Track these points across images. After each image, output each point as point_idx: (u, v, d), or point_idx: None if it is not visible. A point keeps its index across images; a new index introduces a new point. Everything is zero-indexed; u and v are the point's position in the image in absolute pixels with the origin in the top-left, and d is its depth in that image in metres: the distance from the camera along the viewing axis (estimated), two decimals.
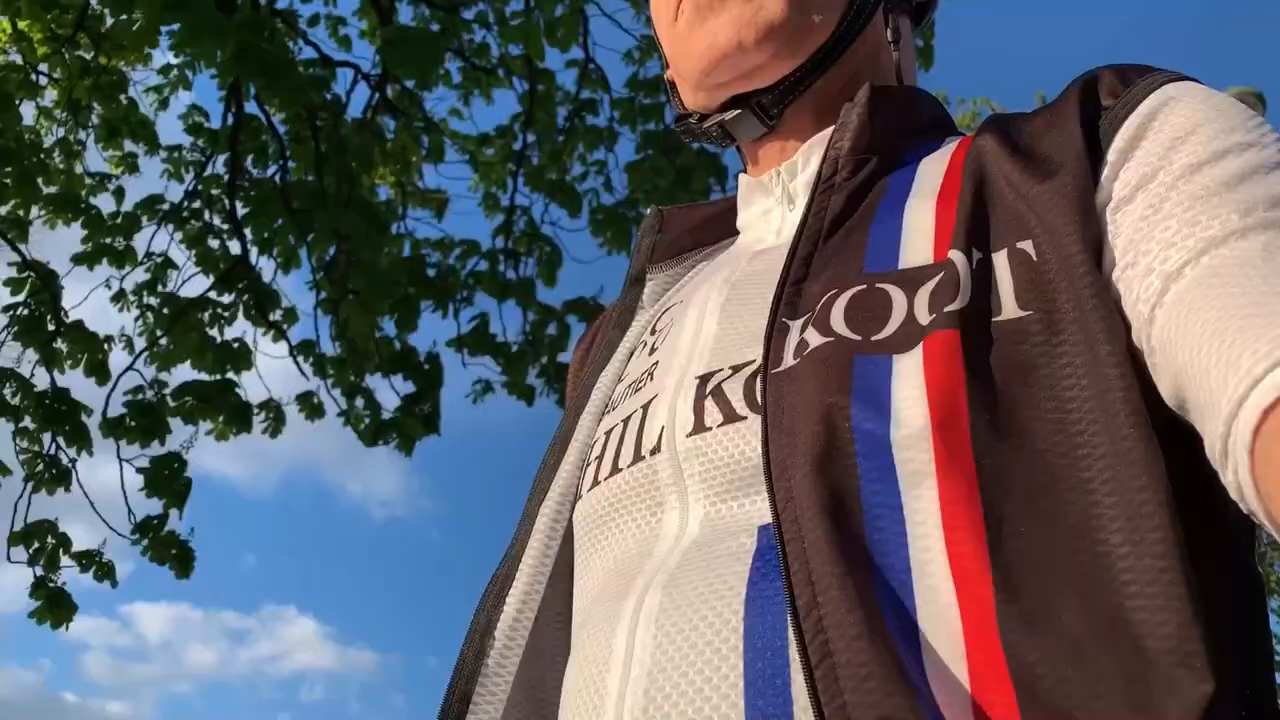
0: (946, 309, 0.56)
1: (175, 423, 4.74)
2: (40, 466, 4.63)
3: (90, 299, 5.33)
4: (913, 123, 0.76)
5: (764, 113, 0.78)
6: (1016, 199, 0.61)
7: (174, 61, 5.72)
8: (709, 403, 0.63)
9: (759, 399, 0.59)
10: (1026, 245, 0.58)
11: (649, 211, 0.89)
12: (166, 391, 4.80)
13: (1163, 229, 0.55)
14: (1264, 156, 0.56)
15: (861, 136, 0.71)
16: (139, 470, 4.62)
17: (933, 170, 0.68)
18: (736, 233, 0.86)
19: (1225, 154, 0.56)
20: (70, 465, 4.70)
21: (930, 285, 0.58)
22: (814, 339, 0.59)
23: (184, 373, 4.87)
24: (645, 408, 0.68)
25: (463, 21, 5.45)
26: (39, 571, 4.57)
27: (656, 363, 0.71)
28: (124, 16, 4.50)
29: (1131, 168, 0.59)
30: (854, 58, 0.78)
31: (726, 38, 0.74)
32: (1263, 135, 0.58)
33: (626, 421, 0.69)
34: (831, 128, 0.74)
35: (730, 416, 0.61)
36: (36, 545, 4.58)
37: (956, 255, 0.59)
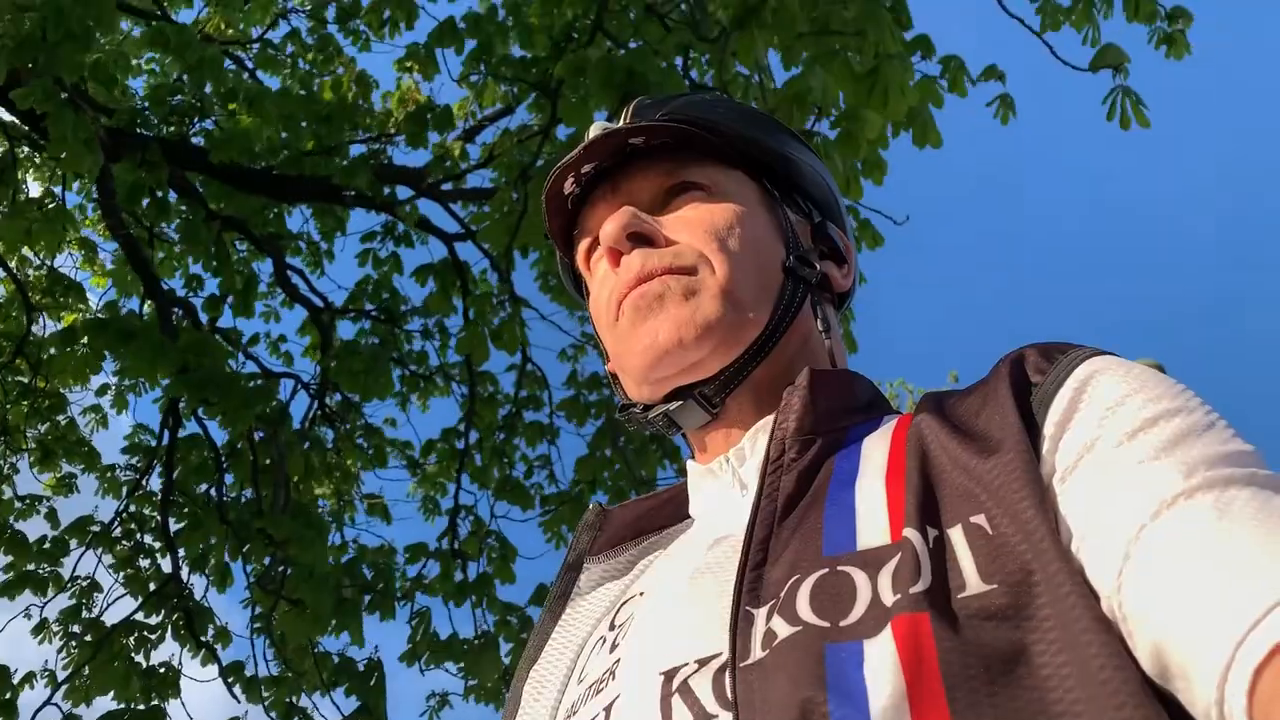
0: (911, 590, 0.55)
1: None
2: None
3: (5, 630, 5.07)
4: (851, 402, 0.78)
5: (707, 402, 0.80)
6: (962, 475, 0.62)
7: (112, 382, 5.78)
8: (676, 701, 0.60)
9: (729, 695, 0.56)
10: (980, 519, 0.58)
11: (590, 507, 0.90)
12: None
13: (1112, 495, 0.56)
14: (1193, 420, 0.59)
15: (805, 417, 0.72)
16: None
17: (876, 449, 0.70)
18: (681, 520, 0.86)
19: (1157, 420, 0.59)
20: None
21: (891, 566, 0.58)
22: (781, 628, 0.58)
23: (105, 704, 4.56)
24: (608, 710, 0.64)
25: (403, 332, 5.66)
26: None
27: (618, 660, 0.68)
28: (68, 349, 4.59)
29: (1070, 440, 0.61)
30: (788, 346, 0.82)
31: (667, 336, 0.77)
32: (1188, 400, 0.61)
33: None
34: (774, 413, 0.75)
35: (700, 716, 0.58)
36: None
37: (912, 534, 0.59)
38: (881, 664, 0.53)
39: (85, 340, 4.58)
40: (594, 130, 0.87)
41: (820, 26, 3.39)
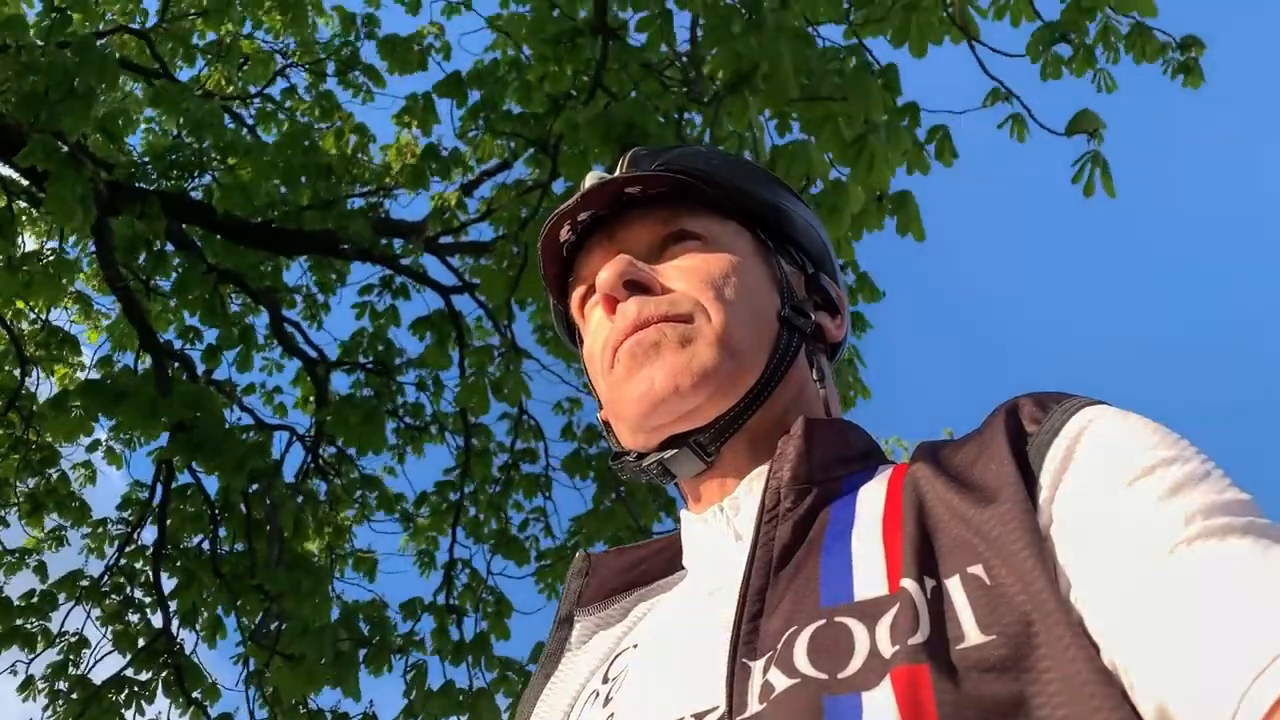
0: (910, 641, 0.55)
1: None
2: None
3: None
4: (846, 452, 0.78)
5: (702, 450, 0.80)
6: (959, 525, 0.61)
7: (104, 438, 5.76)
8: None
9: None
10: (978, 569, 0.58)
11: (577, 555, 0.89)
12: None
13: (1110, 546, 0.56)
14: (1189, 469, 0.58)
15: (800, 466, 0.72)
16: None
17: (872, 499, 0.69)
18: (673, 571, 0.85)
19: (1153, 469, 0.58)
20: None
21: (889, 617, 0.57)
22: (779, 681, 0.57)
23: None
24: None
25: (398, 385, 5.65)
26: None
27: (612, 715, 0.67)
28: (60, 412, 4.58)
29: (1067, 490, 0.60)
30: (783, 395, 0.81)
31: (663, 383, 0.77)
32: (1183, 449, 0.60)
33: None
34: (769, 461, 0.75)
35: None
36: None
37: (910, 584, 0.58)
38: (880, 716, 0.52)
39: (80, 403, 4.57)
40: (590, 179, 0.87)
41: (811, 92, 3.44)
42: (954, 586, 0.58)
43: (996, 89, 4.14)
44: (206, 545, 5.07)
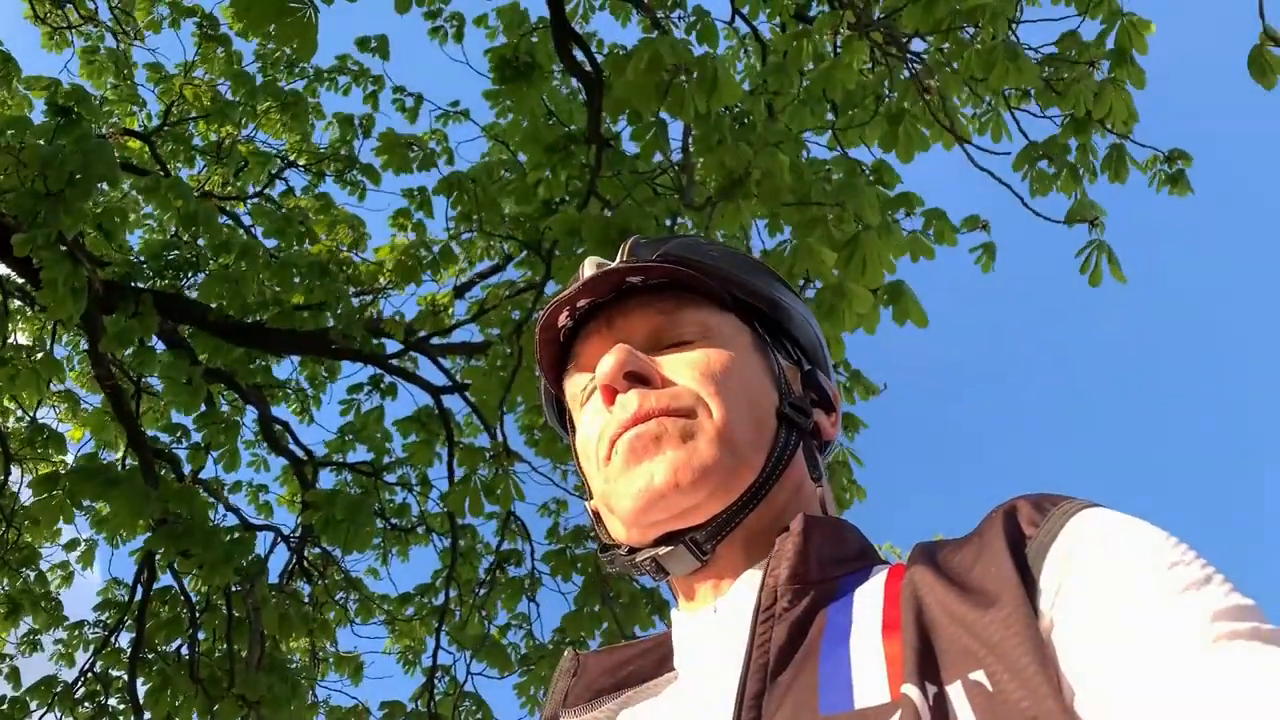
0: None
1: None
2: None
3: None
4: (843, 551, 0.77)
5: (697, 548, 0.78)
6: (959, 629, 0.60)
7: (82, 537, 5.67)
8: None
9: None
10: (979, 676, 0.57)
11: (565, 654, 0.86)
12: None
13: (1112, 653, 0.55)
14: (1189, 573, 0.58)
15: (799, 565, 0.71)
16: None
17: (870, 602, 0.68)
18: (664, 672, 0.82)
19: (1155, 574, 0.58)
20: None
21: None
22: None
23: None
24: None
25: (384, 484, 5.59)
26: None
27: None
28: (44, 495, 4.52)
29: (1067, 594, 0.60)
30: (781, 493, 0.80)
31: (664, 479, 0.76)
32: (1184, 553, 0.60)
33: None
34: (765, 559, 0.74)
35: None
36: None
37: (911, 690, 0.57)
38: None
39: (66, 486, 4.50)
40: (591, 267, 0.87)
41: (803, 196, 3.51)
42: (956, 693, 0.57)
43: (975, 216, 4.21)
44: (184, 650, 4.94)
